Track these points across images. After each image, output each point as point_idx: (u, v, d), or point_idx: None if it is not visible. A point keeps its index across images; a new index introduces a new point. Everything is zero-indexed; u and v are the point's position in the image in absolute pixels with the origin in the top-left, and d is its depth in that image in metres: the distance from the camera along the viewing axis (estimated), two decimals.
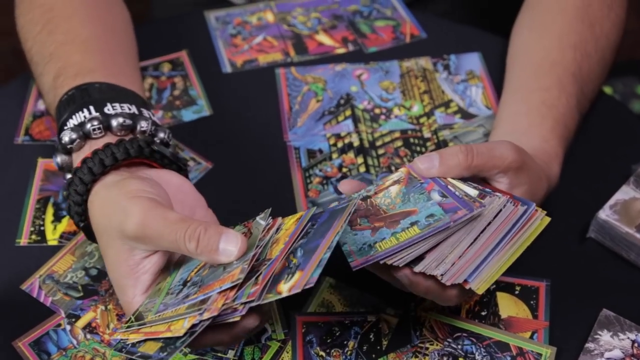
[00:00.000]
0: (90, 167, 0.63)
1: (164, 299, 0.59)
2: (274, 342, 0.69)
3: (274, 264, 0.56)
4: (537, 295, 0.72)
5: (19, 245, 0.75)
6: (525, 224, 0.61)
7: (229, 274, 0.56)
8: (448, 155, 0.63)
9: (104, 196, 0.62)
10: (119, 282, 0.61)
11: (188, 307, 0.56)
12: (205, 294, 0.56)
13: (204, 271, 0.59)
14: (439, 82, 0.90)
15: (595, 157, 0.83)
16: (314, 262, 0.55)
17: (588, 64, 0.80)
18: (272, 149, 0.83)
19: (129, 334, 0.59)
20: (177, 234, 0.57)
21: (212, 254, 0.57)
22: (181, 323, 0.55)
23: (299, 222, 0.59)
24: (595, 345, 0.68)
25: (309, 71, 0.91)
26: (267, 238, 0.59)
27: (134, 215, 0.58)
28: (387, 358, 0.68)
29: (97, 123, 0.66)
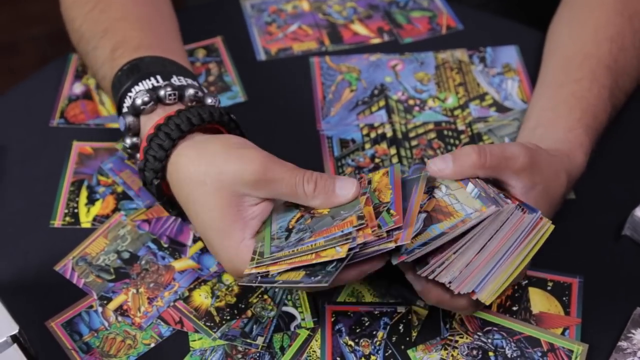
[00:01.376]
0: (178, 124, 0.66)
1: (272, 243, 0.62)
2: (303, 330, 0.69)
3: (397, 201, 0.60)
4: (569, 292, 0.71)
5: (53, 227, 0.76)
6: (530, 233, 0.61)
7: (346, 221, 0.60)
8: (461, 156, 0.63)
9: (201, 148, 0.65)
10: (225, 228, 0.63)
11: (326, 241, 0.59)
12: (327, 236, 0.59)
13: (305, 221, 0.62)
14: (474, 74, 0.89)
15: (633, 153, 0.81)
16: (411, 219, 0.59)
17: (625, 57, 0.79)
18: (304, 137, 0.83)
19: (267, 267, 0.61)
20: (297, 177, 0.62)
21: (330, 195, 0.62)
22: (333, 250, 0.58)
23: (391, 175, 0.63)
24: (628, 344, 0.67)
25: (344, 60, 0.90)
26: (368, 187, 0.63)
27: (255, 161, 0.62)
28: (416, 349, 0.67)
29: (172, 90, 0.68)
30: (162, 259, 0.74)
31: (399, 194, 0.61)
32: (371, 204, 0.61)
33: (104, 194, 0.79)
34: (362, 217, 0.59)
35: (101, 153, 0.82)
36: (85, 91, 0.87)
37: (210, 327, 0.69)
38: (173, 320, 0.70)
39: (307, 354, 0.67)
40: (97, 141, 0.83)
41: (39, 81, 0.90)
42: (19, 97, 0.88)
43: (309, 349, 0.68)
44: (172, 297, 0.71)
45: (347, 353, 0.67)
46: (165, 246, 0.75)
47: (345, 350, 0.68)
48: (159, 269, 0.73)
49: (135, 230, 0.76)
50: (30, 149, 0.83)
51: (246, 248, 0.63)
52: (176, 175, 0.66)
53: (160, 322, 0.70)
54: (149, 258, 0.74)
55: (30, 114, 0.86)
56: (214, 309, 0.70)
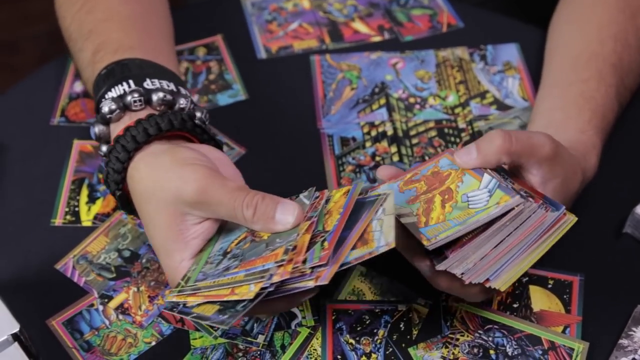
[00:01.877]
0: (134, 135, 0.64)
1: (202, 268, 0.60)
2: (303, 329, 0.69)
3: (336, 231, 0.57)
4: (570, 290, 0.71)
5: (53, 226, 0.76)
6: (552, 227, 0.60)
7: (273, 253, 0.57)
8: (485, 143, 0.62)
9: (152, 162, 0.63)
10: (167, 247, 0.62)
11: (246, 275, 0.57)
12: (249, 269, 0.57)
13: (244, 244, 0.60)
14: (475, 72, 0.89)
15: (634, 151, 0.81)
16: (340, 256, 0.56)
17: (629, 54, 0.79)
18: (305, 136, 0.83)
19: (185, 297, 0.59)
20: (236, 202, 0.59)
21: (269, 221, 0.59)
22: (247, 288, 0.56)
23: (349, 195, 0.60)
24: (629, 342, 0.67)
25: (344, 59, 0.90)
26: (319, 209, 0.59)
27: (194, 181, 0.60)
28: (417, 348, 0.67)
29: (138, 95, 0.66)
30: None
31: (343, 222, 0.58)
32: (312, 231, 0.58)
33: (105, 192, 0.79)
34: (288, 251, 0.56)
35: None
36: (85, 90, 0.87)
37: (211, 325, 0.69)
38: (174, 319, 0.70)
39: (307, 353, 0.67)
40: None
41: (39, 80, 0.90)
42: (20, 96, 0.88)
43: (310, 347, 0.68)
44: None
45: (348, 351, 0.67)
46: None
47: (346, 348, 0.68)
48: (160, 267, 0.73)
49: (136, 229, 0.76)
50: (30, 148, 0.83)
51: (184, 269, 0.62)
52: (131, 187, 0.65)
53: (161, 321, 0.70)
54: (149, 256, 0.74)
55: (30, 112, 0.86)
56: None
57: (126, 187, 0.66)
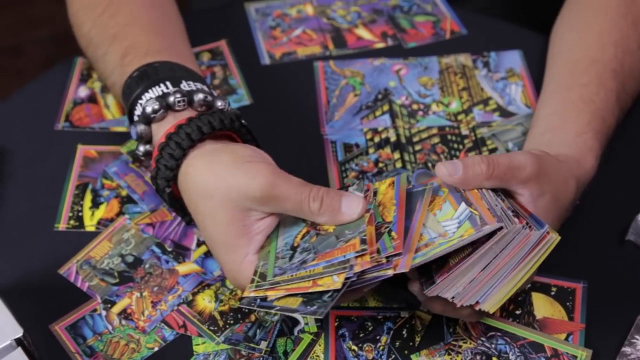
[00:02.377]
0: (189, 133, 0.65)
1: (276, 263, 0.61)
2: (306, 335, 0.69)
3: (399, 221, 0.59)
4: (573, 297, 0.71)
5: (57, 230, 0.76)
6: (536, 246, 0.60)
7: (349, 244, 0.59)
8: (471, 165, 0.62)
9: (211, 160, 0.65)
10: (229, 242, 0.63)
11: (325, 267, 0.59)
12: (328, 260, 0.59)
13: (311, 238, 0.62)
14: (478, 79, 0.89)
15: (637, 158, 0.81)
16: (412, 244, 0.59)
17: (630, 60, 0.79)
18: (308, 142, 0.84)
19: (264, 292, 0.60)
20: (303, 195, 0.61)
21: (335, 213, 0.61)
22: (330, 279, 0.58)
23: (397, 186, 0.62)
24: (632, 350, 0.67)
25: (348, 65, 0.90)
26: (373, 202, 0.62)
27: (261, 177, 0.61)
28: (419, 354, 0.67)
29: (181, 96, 0.67)
30: (166, 263, 0.74)
31: (402, 212, 0.60)
32: (374, 222, 0.60)
33: (109, 197, 0.79)
34: (365, 241, 0.58)
35: (106, 156, 0.82)
36: (90, 94, 0.87)
37: (213, 331, 0.69)
38: (177, 324, 0.70)
39: (310, 359, 0.67)
40: (101, 144, 0.83)
41: (43, 84, 0.90)
42: (24, 100, 0.89)
43: (313, 353, 0.68)
44: (176, 301, 0.71)
45: (350, 358, 0.67)
46: (169, 250, 0.75)
47: (349, 355, 0.68)
48: (163, 272, 0.73)
49: (140, 234, 0.76)
50: (35, 152, 0.83)
51: (249, 264, 0.63)
52: (186, 185, 0.66)
53: (164, 326, 0.70)
54: (153, 262, 0.74)
55: (35, 117, 0.87)
56: (217, 313, 0.70)
57: (173, 187, 0.67)
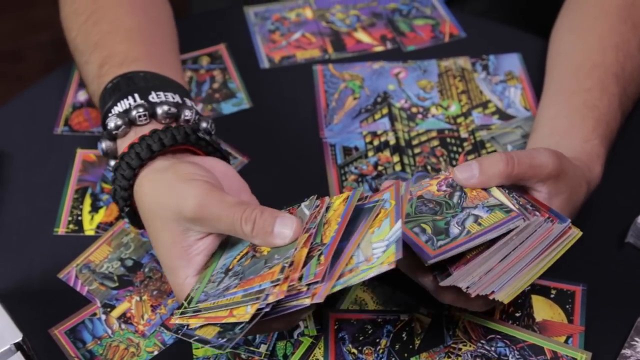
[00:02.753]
0: (138, 152, 0.64)
1: (205, 287, 0.60)
2: (306, 338, 0.69)
3: (333, 244, 0.56)
4: (573, 300, 0.71)
5: (56, 235, 0.76)
6: (557, 240, 0.60)
7: (270, 271, 0.56)
8: (488, 164, 0.62)
9: (155, 179, 0.63)
10: (171, 264, 0.62)
11: (243, 296, 0.56)
12: (247, 289, 0.56)
13: (246, 260, 0.60)
14: (477, 82, 0.89)
15: (636, 161, 0.81)
16: (336, 271, 0.55)
17: (631, 64, 0.79)
18: (308, 145, 0.84)
19: (188, 319, 0.59)
20: (234, 216, 0.59)
21: (267, 236, 0.58)
22: (244, 309, 0.55)
23: (348, 202, 0.59)
24: (631, 352, 0.67)
25: (347, 68, 0.90)
26: (319, 219, 0.59)
27: (192, 197, 0.59)
28: (419, 357, 0.67)
29: (143, 110, 0.67)
30: None
31: (340, 233, 0.57)
32: (309, 244, 0.57)
33: (108, 201, 0.79)
34: (285, 269, 0.56)
35: (105, 161, 0.82)
36: (89, 99, 0.88)
37: None
38: None
39: None
40: None
41: (43, 89, 0.90)
42: (24, 105, 0.89)
43: (312, 356, 0.68)
44: (176, 304, 0.71)
45: None
46: None
47: (349, 358, 0.68)
48: (162, 276, 0.73)
49: (139, 238, 0.76)
50: (34, 157, 0.83)
51: (188, 286, 0.62)
52: (138, 204, 0.65)
53: (163, 330, 0.70)
54: (152, 266, 0.74)
55: (34, 121, 0.87)
56: None
57: (134, 203, 0.66)
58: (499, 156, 0.62)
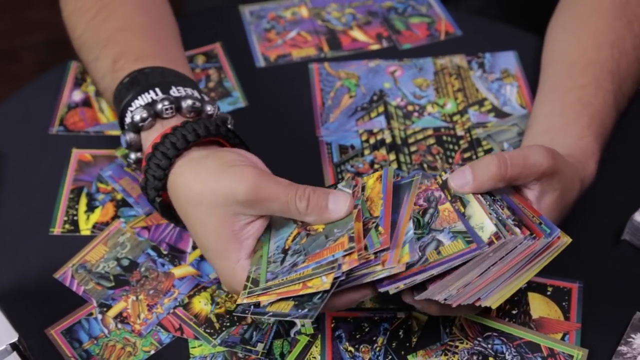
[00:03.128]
0: (174, 142, 0.65)
1: (268, 267, 0.61)
2: (302, 337, 0.69)
3: (386, 215, 0.59)
4: (569, 297, 0.71)
5: (52, 235, 0.76)
6: (543, 252, 0.59)
7: (337, 243, 0.58)
8: (480, 169, 0.61)
9: (196, 167, 0.64)
10: (222, 248, 0.63)
11: (314, 269, 0.58)
12: (318, 261, 0.58)
13: (301, 239, 0.61)
14: (473, 80, 0.89)
15: (632, 158, 0.82)
16: (399, 238, 0.58)
17: (626, 61, 0.79)
18: (304, 144, 0.83)
19: (257, 297, 0.60)
20: (289, 195, 0.61)
21: (322, 212, 0.61)
22: (319, 280, 0.57)
23: (384, 180, 0.62)
24: (628, 349, 0.67)
25: (343, 67, 0.90)
26: (361, 197, 0.62)
27: (246, 180, 0.61)
28: (416, 355, 0.67)
29: (169, 103, 0.67)
30: (162, 266, 0.74)
31: (389, 206, 0.60)
32: (361, 218, 0.60)
33: (104, 201, 0.79)
34: (352, 239, 0.58)
35: (100, 160, 0.82)
36: (84, 98, 0.87)
37: (210, 333, 0.69)
38: (173, 327, 0.70)
39: None
40: (96, 148, 0.83)
41: (38, 89, 0.90)
42: (19, 105, 0.88)
43: (309, 355, 0.68)
44: (172, 303, 0.71)
45: (347, 359, 0.67)
46: (165, 253, 0.75)
47: (346, 356, 0.68)
48: (159, 275, 0.73)
49: (135, 238, 0.76)
50: (29, 157, 0.83)
51: (242, 269, 0.63)
52: (175, 193, 0.65)
53: (160, 329, 0.70)
54: (148, 265, 0.74)
55: (29, 121, 0.86)
56: (213, 316, 0.70)
57: (164, 195, 0.66)
58: (490, 159, 0.61)
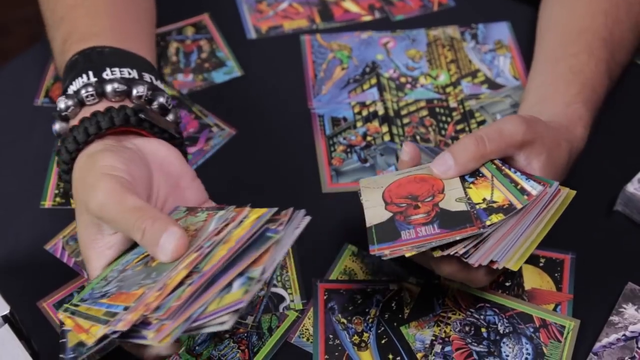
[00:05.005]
0: (75, 136, 0.62)
1: (96, 284, 0.58)
2: (291, 312, 0.69)
3: (206, 274, 0.50)
4: (561, 268, 0.71)
5: (43, 208, 0.76)
6: (549, 203, 0.60)
7: (137, 291, 0.52)
8: (460, 152, 0.62)
9: (81, 168, 0.62)
10: (84, 253, 0.61)
11: (105, 313, 0.52)
12: (109, 305, 0.53)
13: (139, 265, 0.57)
14: (466, 51, 0.88)
15: (625, 129, 0.81)
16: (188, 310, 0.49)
17: (620, 29, 0.78)
18: (296, 116, 0.83)
19: (65, 317, 0.56)
20: (128, 222, 0.56)
21: (153, 247, 0.54)
22: (97, 328, 0.51)
23: (255, 223, 0.53)
24: (619, 319, 0.67)
25: (335, 38, 0.90)
26: (221, 236, 0.54)
27: (97, 196, 0.57)
28: (408, 326, 0.67)
29: (92, 89, 0.65)
30: None
31: (220, 262, 0.51)
32: (192, 267, 0.51)
33: None
34: (144, 295, 0.51)
35: None
36: None
37: None
38: None
39: (299, 332, 0.67)
40: None
41: (26, 62, 0.89)
42: (7, 78, 0.88)
43: (302, 326, 0.68)
44: None
45: (339, 331, 0.67)
46: None
47: (338, 327, 0.68)
48: None
49: None
50: (19, 130, 0.82)
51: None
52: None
53: None
54: None
55: (18, 95, 0.86)
56: None
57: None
58: (467, 139, 0.62)
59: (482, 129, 0.63)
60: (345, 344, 0.67)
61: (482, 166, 0.63)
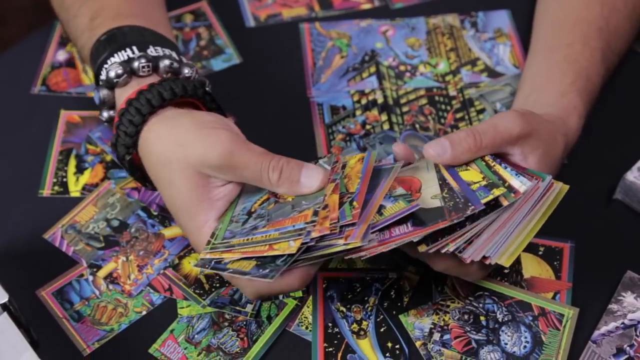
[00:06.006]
0: (149, 99, 0.64)
1: (228, 226, 0.61)
2: (290, 300, 0.69)
3: (361, 192, 0.59)
4: (560, 256, 0.71)
5: (41, 197, 0.76)
6: (542, 197, 0.60)
7: (302, 214, 0.58)
8: (457, 141, 0.62)
9: (171, 125, 0.63)
10: (190, 208, 0.62)
11: (281, 233, 0.58)
12: (278, 228, 0.58)
13: (268, 205, 0.61)
14: (465, 39, 0.88)
15: (624, 117, 0.81)
16: (368, 215, 0.59)
17: (616, 18, 0.78)
18: (295, 104, 0.83)
19: (220, 254, 0.60)
20: (262, 164, 0.60)
21: (293, 184, 0.60)
22: (286, 244, 0.57)
23: (365, 161, 0.62)
24: (618, 307, 0.67)
25: (334, 27, 0.89)
26: (340, 173, 0.62)
27: (220, 145, 0.60)
28: (407, 314, 0.67)
29: (145, 61, 0.66)
30: (152, 227, 0.73)
31: (365, 185, 0.60)
32: (338, 192, 0.60)
33: (93, 162, 0.78)
34: (317, 213, 0.58)
35: (89, 122, 0.81)
36: (68, 59, 0.86)
37: (199, 294, 0.69)
38: (162, 288, 0.70)
39: (298, 320, 0.67)
40: (84, 110, 0.82)
41: (24, 50, 0.89)
42: (4, 67, 0.87)
43: (301, 315, 0.68)
44: (162, 264, 0.71)
45: (338, 319, 0.67)
46: (155, 214, 0.74)
47: (337, 316, 0.68)
48: (149, 236, 0.73)
49: (125, 198, 0.75)
50: (17, 118, 0.82)
51: (209, 230, 0.62)
52: (146, 151, 0.64)
53: (150, 290, 0.69)
54: (138, 226, 0.73)
55: (16, 83, 0.85)
56: (203, 277, 0.70)
57: (135, 155, 0.65)
58: (465, 133, 0.62)
59: (477, 125, 0.64)
60: (344, 332, 0.67)
61: (472, 162, 0.63)
